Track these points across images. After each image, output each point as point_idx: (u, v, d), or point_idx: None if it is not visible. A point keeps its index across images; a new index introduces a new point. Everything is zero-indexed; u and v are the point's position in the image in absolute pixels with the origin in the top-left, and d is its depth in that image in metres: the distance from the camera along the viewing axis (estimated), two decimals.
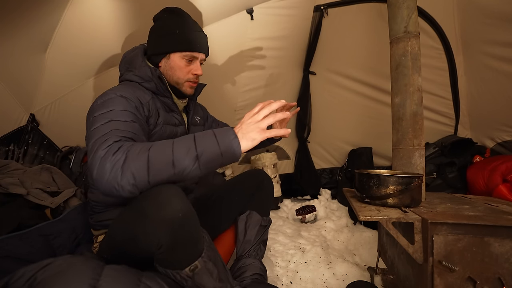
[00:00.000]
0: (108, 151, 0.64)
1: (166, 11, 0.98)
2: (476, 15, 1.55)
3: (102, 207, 0.93)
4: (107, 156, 0.64)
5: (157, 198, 0.64)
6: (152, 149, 0.65)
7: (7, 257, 0.83)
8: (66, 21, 1.39)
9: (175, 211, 0.63)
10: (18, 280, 0.54)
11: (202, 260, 0.71)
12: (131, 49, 0.99)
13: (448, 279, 0.68)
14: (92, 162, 0.65)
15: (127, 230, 0.69)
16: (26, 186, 1.15)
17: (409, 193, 0.82)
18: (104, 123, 0.73)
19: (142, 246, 0.66)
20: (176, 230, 0.64)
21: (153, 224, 0.63)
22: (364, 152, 2.17)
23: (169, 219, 0.63)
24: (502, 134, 1.71)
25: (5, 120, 1.58)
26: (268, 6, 1.69)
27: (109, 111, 0.77)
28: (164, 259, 0.68)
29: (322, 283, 1.14)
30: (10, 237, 0.87)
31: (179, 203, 0.64)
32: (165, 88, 0.95)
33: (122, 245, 0.72)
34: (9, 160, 1.51)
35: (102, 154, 0.64)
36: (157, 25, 0.97)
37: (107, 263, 0.76)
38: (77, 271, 0.55)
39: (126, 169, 0.62)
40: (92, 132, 0.73)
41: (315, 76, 2.12)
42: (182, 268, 0.69)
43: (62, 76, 1.63)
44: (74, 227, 1.08)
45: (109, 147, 0.65)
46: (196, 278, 0.70)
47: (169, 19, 0.95)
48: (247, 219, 1.12)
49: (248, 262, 1.03)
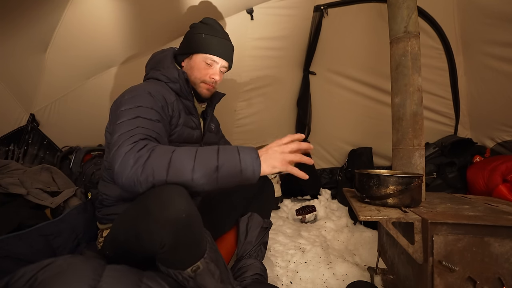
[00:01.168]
0: (133, 148, 0.67)
1: (202, 21, 1.05)
2: (476, 15, 1.55)
3: (112, 201, 0.93)
4: (132, 152, 0.66)
5: (161, 197, 0.64)
6: (175, 152, 0.68)
7: (7, 257, 0.83)
8: (66, 21, 1.39)
9: (179, 211, 0.64)
10: (18, 280, 0.54)
11: (204, 261, 0.71)
12: (161, 50, 1.04)
13: (448, 279, 0.68)
14: (115, 155, 0.68)
15: (131, 228, 0.69)
16: (26, 186, 1.15)
17: (409, 193, 0.82)
18: (131, 118, 0.76)
19: (145, 244, 0.66)
20: (179, 230, 0.64)
21: (157, 223, 0.63)
22: (364, 152, 2.17)
23: (173, 219, 0.63)
24: (502, 134, 1.72)
25: (5, 120, 1.58)
26: (268, 6, 1.69)
27: (137, 107, 0.79)
28: (167, 259, 0.68)
29: (322, 283, 1.14)
30: (10, 237, 0.87)
31: (183, 204, 0.65)
32: (189, 91, 0.99)
33: (125, 243, 0.73)
34: (9, 160, 1.51)
35: (127, 150, 0.67)
36: (189, 31, 1.04)
37: (109, 262, 0.77)
38: (77, 272, 0.55)
39: (148, 167, 0.65)
40: (118, 126, 0.75)
41: (315, 76, 2.12)
42: (184, 268, 0.69)
43: (62, 76, 1.63)
44: (74, 227, 1.07)
45: (135, 143, 0.68)
46: (198, 278, 0.70)
47: (200, 26, 1.03)
48: (248, 221, 1.13)
49: (248, 263, 1.04)
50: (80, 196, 1.29)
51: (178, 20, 1.58)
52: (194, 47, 0.99)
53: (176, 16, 1.55)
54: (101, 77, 1.72)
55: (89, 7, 1.37)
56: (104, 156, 0.95)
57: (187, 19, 1.58)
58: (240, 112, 2.12)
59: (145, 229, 0.64)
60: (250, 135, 2.27)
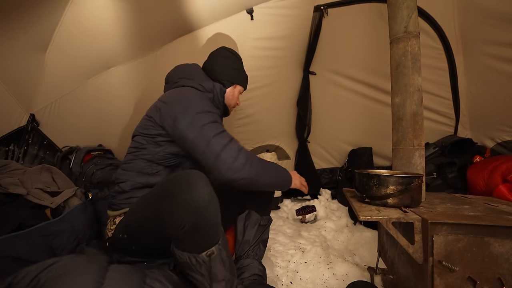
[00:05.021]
0: (231, 143, 0.91)
1: (231, 52, 1.24)
2: (476, 15, 1.54)
3: (130, 187, 0.94)
4: (232, 146, 0.90)
5: (186, 181, 0.72)
6: (259, 159, 0.98)
7: (7, 257, 0.83)
8: (66, 21, 1.39)
9: (201, 194, 0.70)
10: (21, 280, 0.54)
11: (218, 247, 0.75)
12: (186, 64, 1.19)
13: (448, 279, 0.68)
14: (217, 144, 0.88)
15: (153, 208, 0.75)
16: (26, 186, 1.15)
17: (409, 193, 0.82)
18: (211, 121, 0.93)
19: (165, 225, 0.71)
20: (200, 212, 0.69)
21: (180, 204, 0.69)
22: (364, 152, 2.17)
23: (196, 201, 0.69)
24: (502, 134, 1.71)
25: (5, 120, 1.58)
26: (268, 6, 1.69)
27: (208, 112, 0.96)
28: (184, 240, 0.71)
29: (322, 283, 1.14)
30: (10, 237, 0.87)
31: (206, 188, 0.72)
32: (221, 102, 1.17)
33: (144, 224, 0.78)
34: (9, 160, 1.51)
35: (225, 142, 0.90)
36: (229, 61, 1.22)
37: (117, 249, 0.79)
38: (80, 273, 0.55)
39: (248, 159, 0.91)
40: (203, 127, 0.91)
41: (315, 76, 2.12)
42: (199, 252, 0.72)
43: (62, 76, 1.63)
44: (74, 227, 1.07)
45: (231, 141, 0.92)
46: (211, 264, 0.73)
47: (237, 60, 1.24)
48: (245, 219, 1.12)
49: (246, 263, 1.03)
50: (80, 196, 1.29)
51: (178, 20, 1.58)
52: (240, 81, 1.23)
53: (176, 16, 1.55)
54: (101, 77, 1.72)
55: (89, 7, 1.37)
56: (145, 146, 0.97)
57: (187, 19, 1.58)
58: (240, 112, 2.12)
59: (168, 210, 0.70)
60: (250, 135, 2.27)
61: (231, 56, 1.23)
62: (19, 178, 1.17)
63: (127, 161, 0.99)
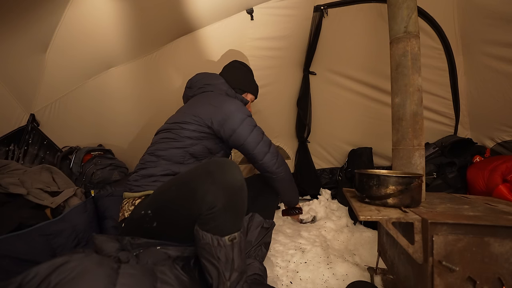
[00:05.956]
0: (272, 145, 1.21)
1: (243, 64, 1.44)
2: (476, 15, 1.54)
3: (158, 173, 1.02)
4: (273, 148, 1.20)
5: (224, 165, 0.78)
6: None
7: (7, 257, 0.83)
8: (66, 22, 1.40)
9: (236, 179, 0.77)
10: (31, 280, 0.53)
11: (240, 234, 0.78)
12: (209, 73, 1.33)
13: (448, 279, 0.68)
14: (265, 146, 1.18)
15: (188, 185, 0.77)
16: (26, 186, 1.15)
17: (409, 193, 0.82)
18: (256, 124, 1.20)
19: (196, 203, 0.73)
20: (232, 195, 0.75)
21: (216, 184, 0.74)
22: (364, 152, 2.17)
23: (232, 183, 0.75)
24: (502, 134, 1.71)
25: (5, 120, 1.58)
26: (268, 6, 1.69)
27: (251, 116, 1.20)
28: (210, 221, 0.73)
29: (322, 283, 1.14)
30: (10, 237, 0.87)
31: (240, 174, 0.79)
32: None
33: (175, 199, 0.80)
34: (9, 160, 1.51)
35: (269, 143, 1.20)
36: (241, 72, 1.41)
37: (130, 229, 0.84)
38: (91, 279, 0.55)
39: (284, 161, 1.24)
40: (253, 131, 1.15)
41: (315, 76, 2.12)
42: (223, 235, 0.74)
43: (62, 77, 1.63)
44: (74, 226, 1.08)
45: (271, 144, 1.21)
46: (232, 249, 0.75)
47: (249, 71, 1.44)
48: (249, 221, 1.14)
49: (247, 262, 1.03)
50: (80, 196, 1.29)
51: (178, 20, 1.58)
52: (252, 89, 1.43)
53: (176, 16, 1.55)
54: (101, 78, 1.72)
55: (89, 8, 1.37)
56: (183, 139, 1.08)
57: (187, 19, 1.58)
58: None
59: (202, 188, 0.73)
60: None
61: (243, 68, 1.41)
62: (19, 178, 1.17)
63: (160, 148, 1.07)
